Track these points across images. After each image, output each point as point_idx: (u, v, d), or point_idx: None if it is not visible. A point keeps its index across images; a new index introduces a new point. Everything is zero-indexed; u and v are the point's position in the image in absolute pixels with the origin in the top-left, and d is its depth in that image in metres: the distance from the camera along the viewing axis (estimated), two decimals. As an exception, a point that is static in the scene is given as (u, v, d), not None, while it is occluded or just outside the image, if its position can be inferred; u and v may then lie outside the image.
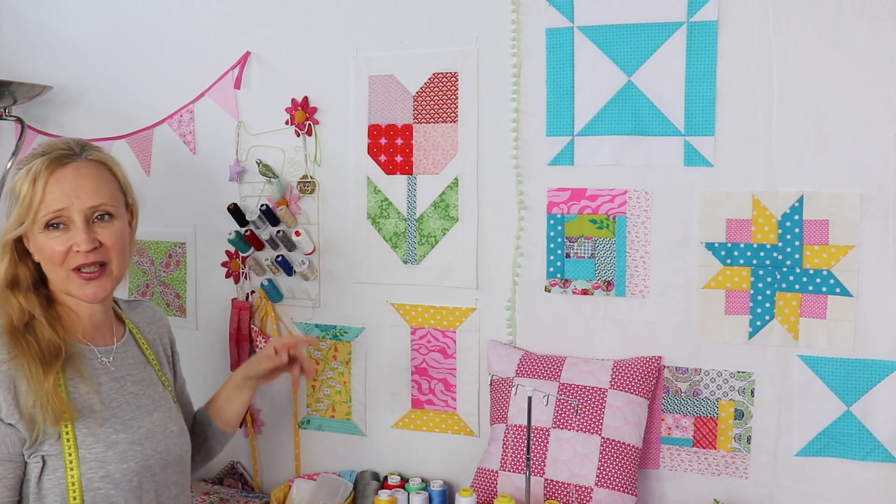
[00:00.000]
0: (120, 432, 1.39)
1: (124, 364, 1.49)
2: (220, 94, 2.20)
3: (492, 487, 1.87)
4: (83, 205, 1.38)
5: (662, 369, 1.90)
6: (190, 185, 2.26)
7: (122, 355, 1.50)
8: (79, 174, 1.40)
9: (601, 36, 1.87)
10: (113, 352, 1.48)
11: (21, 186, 1.37)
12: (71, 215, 1.38)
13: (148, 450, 1.42)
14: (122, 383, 1.46)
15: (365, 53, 2.07)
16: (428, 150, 2.04)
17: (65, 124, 2.38)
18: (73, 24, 2.34)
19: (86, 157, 1.43)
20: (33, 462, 1.33)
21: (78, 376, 1.39)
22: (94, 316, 1.47)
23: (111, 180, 1.45)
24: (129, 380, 1.48)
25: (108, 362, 1.46)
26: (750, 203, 1.81)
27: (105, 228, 1.41)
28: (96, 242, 1.39)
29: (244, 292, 2.23)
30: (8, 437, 1.31)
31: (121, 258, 1.44)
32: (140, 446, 1.41)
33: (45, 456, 1.33)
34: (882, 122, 1.71)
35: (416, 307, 2.09)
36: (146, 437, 1.43)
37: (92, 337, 1.47)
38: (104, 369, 1.45)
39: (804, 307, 1.79)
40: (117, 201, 1.45)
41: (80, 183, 1.39)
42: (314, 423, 2.22)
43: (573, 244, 1.95)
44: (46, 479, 1.33)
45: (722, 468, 1.88)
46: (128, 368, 1.49)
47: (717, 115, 1.81)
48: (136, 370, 1.51)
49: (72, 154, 1.42)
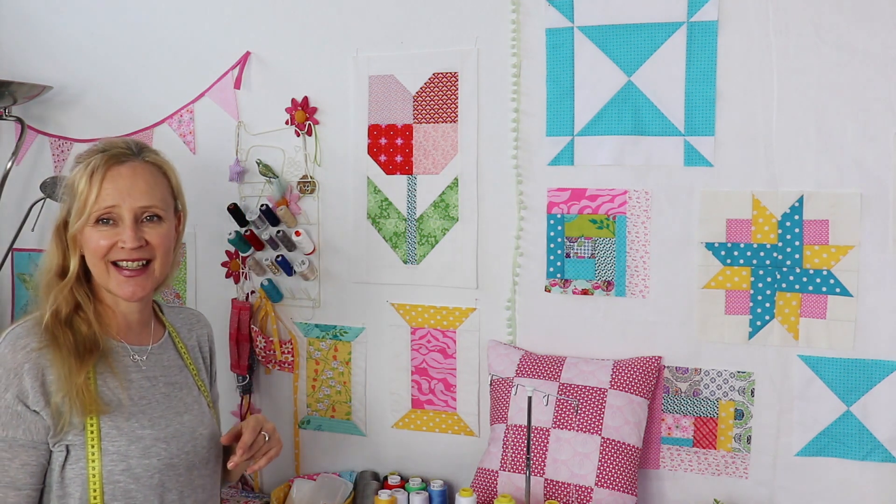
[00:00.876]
0: (146, 428, 1.41)
1: (158, 365, 1.51)
2: (220, 94, 2.20)
3: (492, 487, 1.87)
4: (134, 204, 1.41)
5: (662, 369, 1.90)
6: (190, 185, 2.24)
7: (158, 357, 1.52)
8: (134, 174, 1.42)
9: (601, 36, 1.87)
10: (148, 352, 1.50)
11: (79, 181, 1.40)
12: (121, 213, 1.40)
13: (174, 449, 1.43)
14: (153, 383, 1.48)
15: (365, 53, 2.07)
16: (428, 150, 2.04)
17: (65, 124, 2.38)
18: (73, 24, 2.34)
19: (143, 159, 1.45)
20: (57, 451, 1.35)
21: (108, 371, 1.41)
22: (131, 315, 1.49)
23: (164, 183, 1.49)
24: (161, 381, 1.49)
25: (140, 361, 1.48)
26: (750, 203, 1.81)
27: (153, 229, 1.44)
28: (142, 241, 1.42)
29: (244, 292, 2.23)
30: (33, 423, 1.33)
31: (164, 260, 1.47)
32: (165, 444, 1.42)
33: (69, 445, 1.35)
34: (882, 122, 1.71)
35: (416, 307, 2.09)
36: (173, 436, 1.44)
37: (126, 335, 1.49)
38: (136, 367, 1.47)
39: (804, 307, 1.79)
40: (167, 205, 1.48)
41: (135, 182, 1.42)
42: (314, 423, 2.22)
43: (573, 244, 1.95)
44: (70, 468, 1.35)
45: (722, 468, 1.87)
46: (162, 370, 1.51)
47: (717, 115, 1.82)
48: (171, 373, 1.53)
49: (130, 154, 1.44)
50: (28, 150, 2.41)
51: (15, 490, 1.31)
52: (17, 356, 1.33)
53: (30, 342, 1.35)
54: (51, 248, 1.45)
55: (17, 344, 1.34)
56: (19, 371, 1.32)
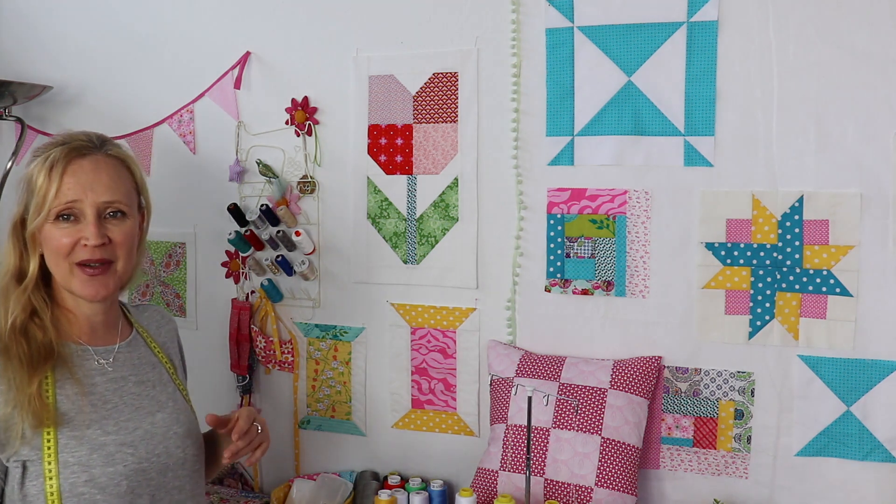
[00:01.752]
0: (110, 434, 1.34)
1: (127, 364, 1.44)
2: (220, 94, 2.20)
3: (492, 487, 1.87)
4: (97, 199, 1.34)
5: (662, 369, 1.90)
6: (190, 185, 2.26)
7: (126, 356, 1.45)
8: (97, 167, 1.35)
9: (601, 36, 1.87)
10: (114, 352, 1.43)
11: (37, 175, 1.32)
12: (83, 208, 1.33)
13: (142, 452, 1.35)
14: (121, 384, 1.41)
15: (365, 53, 2.07)
16: (428, 150, 2.04)
17: (65, 124, 2.38)
18: (73, 24, 2.34)
19: (105, 152, 1.38)
20: (13, 467, 1.28)
21: (68, 377, 1.34)
22: (94, 317, 1.42)
23: (128, 178, 1.41)
24: (130, 380, 1.43)
25: (105, 364, 1.41)
26: (750, 203, 1.81)
27: (116, 226, 1.36)
28: (105, 238, 1.34)
29: (244, 292, 2.23)
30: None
31: (127, 258, 1.40)
32: (132, 448, 1.35)
33: (25, 461, 1.28)
34: (882, 122, 1.71)
35: (416, 307, 2.09)
36: (141, 438, 1.37)
37: (90, 338, 1.42)
38: (100, 370, 1.40)
39: (804, 307, 1.79)
40: (131, 200, 1.40)
41: (97, 177, 1.35)
42: (314, 423, 2.22)
43: (573, 244, 1.95)
44: (30, 484, 1.28)
45: (722, 468, 1.87)
46: (131, 369, 1.44)
47: (717, 115, 1.81)
48: (142, 371, 1.46)
49: (92, 147, 1.37)
50: (28, 150, 2.41)
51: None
52: None
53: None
54: (7, 248, 1.37)
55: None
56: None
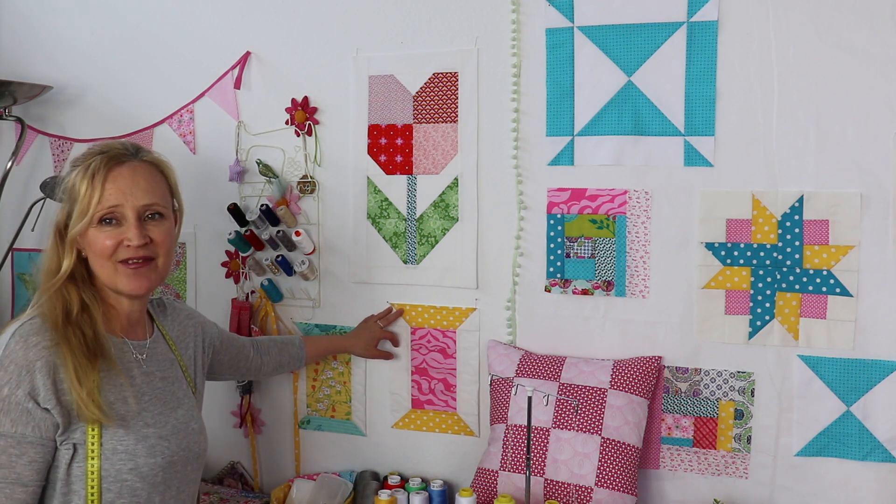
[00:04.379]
0: (150, 426, 1.44)
1: (154, 359, 1.54)
2: (220, 94, 2.20)
3: (492, 487, 1.87)
4: (137, 202, 1.44)
5: (662, 369, 1.90)
6: (190, 185, 2.24)
7: (153, 351, 1.55)
8: (135, 173, 1.46)
9: (601, 36, 1.87)
10: (146, 347, 1.53)
11: (79, 184, 1.42)
12: (124, 212, 1.43)
13: (174, 446, 1.46)
14: (151, 378, 1.51)
15: (365, 53, 2.07)
16: (428, 150, 2.04)
17: (65, 124, 2.38)
18: (73, 24, 2.34)
19: (141, 158, 1.49)
20: (64, 448, 1.36)
21: (113, 369, 1.42)
22: (133, 313, 1.52)
23: (163, 182, 1.52)
24: (157, 375, 1.52)
25: (140, 359, 1.50)
26: (750, 203, 1.81)
27: (155, 226, 1.47)
28: (147, 238, 1.45)
29: (244, 292, 2.23)
30: (42, 421, 1.34)
31: (167, 256, 1.50)
32: (167, 442, 1.45)
33: (76, 444, 1.36)
34: (882, 122, 1.71)
35: (416, 307, 2.09)
36: (172, 433, 1.47)
37: (127, 332, 1.51)
38: (137, 364, 1.49)
39: (804, 307, 1.79)
40: (167, 202, 1.52)
41: (136, 181, 1.45)
42: (314, 423, 2.22)
43: (573, 244, 1.95)
44: (76, 466, 1.37)
45: (722, 468, 1.87)
46: (157, 364, 1.54)
47: (717, 115, 1.82)
48: (164, 367, 1.55)
49: (128, 154, 1.47)
50: (28, 150, 2.41)
51: (22, 486, 1.33)
52: (30, 353, 1.34)
53: (41, 339, 1.36)
54: (51, 250, 1.47)
55: (30, 341, 1.35)
56: (31, 368, 1.33)
